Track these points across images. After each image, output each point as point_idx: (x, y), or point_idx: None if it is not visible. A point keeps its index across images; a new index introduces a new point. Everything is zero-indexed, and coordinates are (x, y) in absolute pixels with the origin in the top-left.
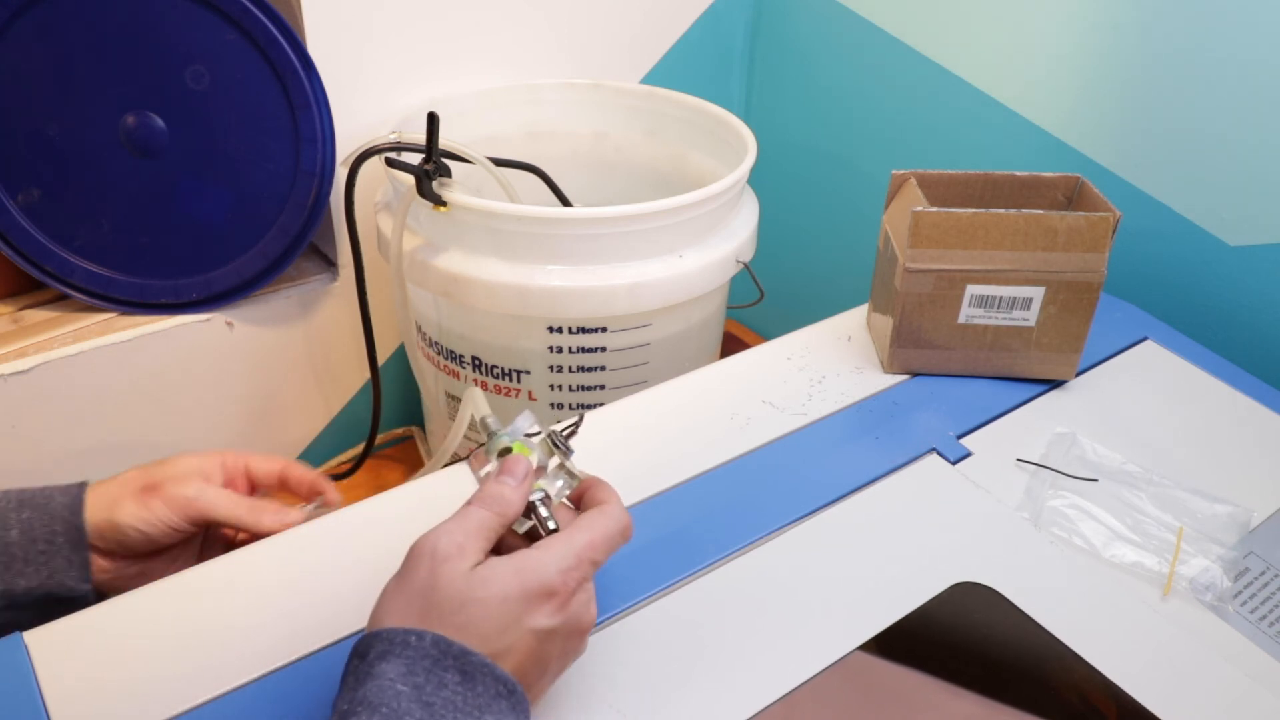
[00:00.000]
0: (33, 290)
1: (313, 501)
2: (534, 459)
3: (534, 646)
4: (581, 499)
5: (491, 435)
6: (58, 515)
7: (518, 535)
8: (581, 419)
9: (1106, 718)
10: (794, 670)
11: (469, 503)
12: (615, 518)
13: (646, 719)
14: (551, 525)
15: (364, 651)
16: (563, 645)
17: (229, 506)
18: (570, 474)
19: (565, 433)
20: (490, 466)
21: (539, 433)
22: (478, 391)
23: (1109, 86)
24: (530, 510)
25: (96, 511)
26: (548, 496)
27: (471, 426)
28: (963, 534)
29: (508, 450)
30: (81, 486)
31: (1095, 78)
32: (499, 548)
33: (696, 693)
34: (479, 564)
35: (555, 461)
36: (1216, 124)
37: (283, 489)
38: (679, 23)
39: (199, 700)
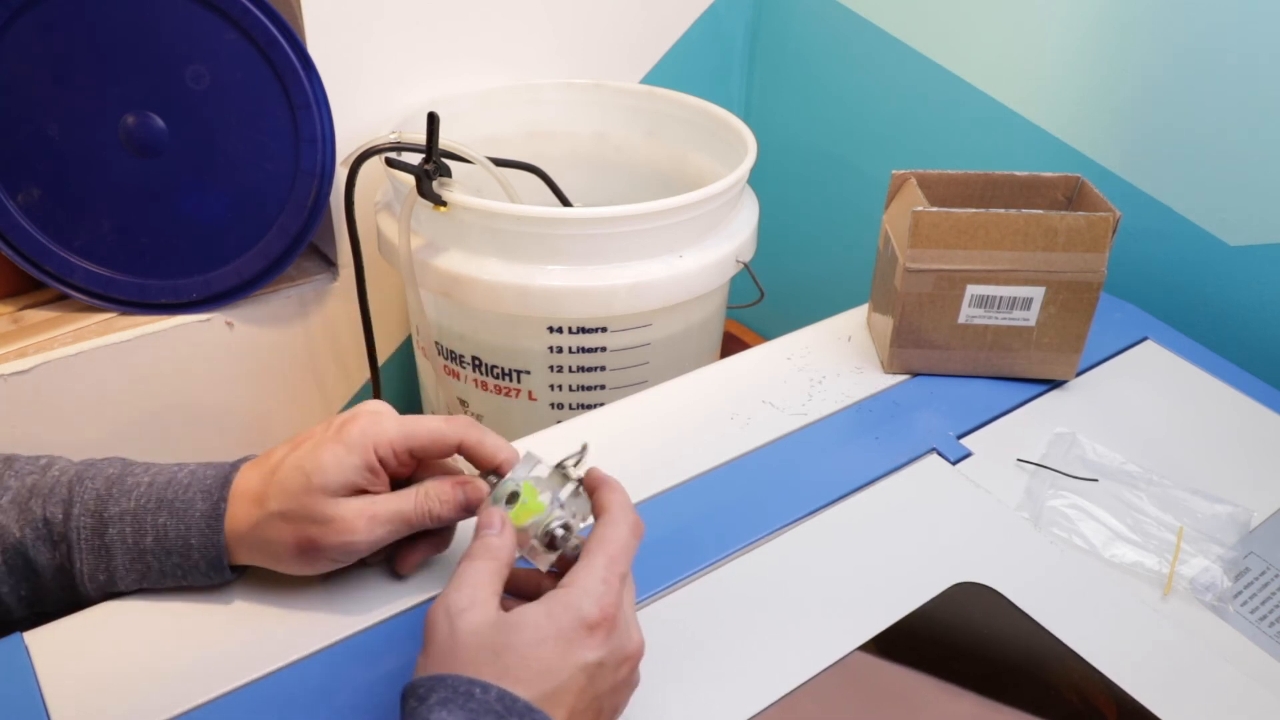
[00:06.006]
0: (33, 290)
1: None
2: (545, 497)
3: (585, 685)
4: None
5: (494, 484)
6: (194, 527)
7: (549, 575)
8: (585, 448)
9: (1106, 718)
10: (794, 670)
11: (460, 560)
12: (623, 521)
13: (646, 719)
14: (578, 553)
15: (424, 695)
16: (613, 678)
17: (414, 526)
18: (581, 497)
19: (573, 462)
20: (501, 510)
21: (539, 464)
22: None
23: (1109, 86)
24: (552, 542)
25: (247, 551)
26: (568, 525)
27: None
28: (963, 534)
29: (516, 495)
30: (224, 490)
31: (1095, 78)
32: (535, 595)
33: (696, 693)
34: (501, 611)
35: (569, 489)
36: (1217, 124)
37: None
38: (679, 23)
39: (199, 700)
